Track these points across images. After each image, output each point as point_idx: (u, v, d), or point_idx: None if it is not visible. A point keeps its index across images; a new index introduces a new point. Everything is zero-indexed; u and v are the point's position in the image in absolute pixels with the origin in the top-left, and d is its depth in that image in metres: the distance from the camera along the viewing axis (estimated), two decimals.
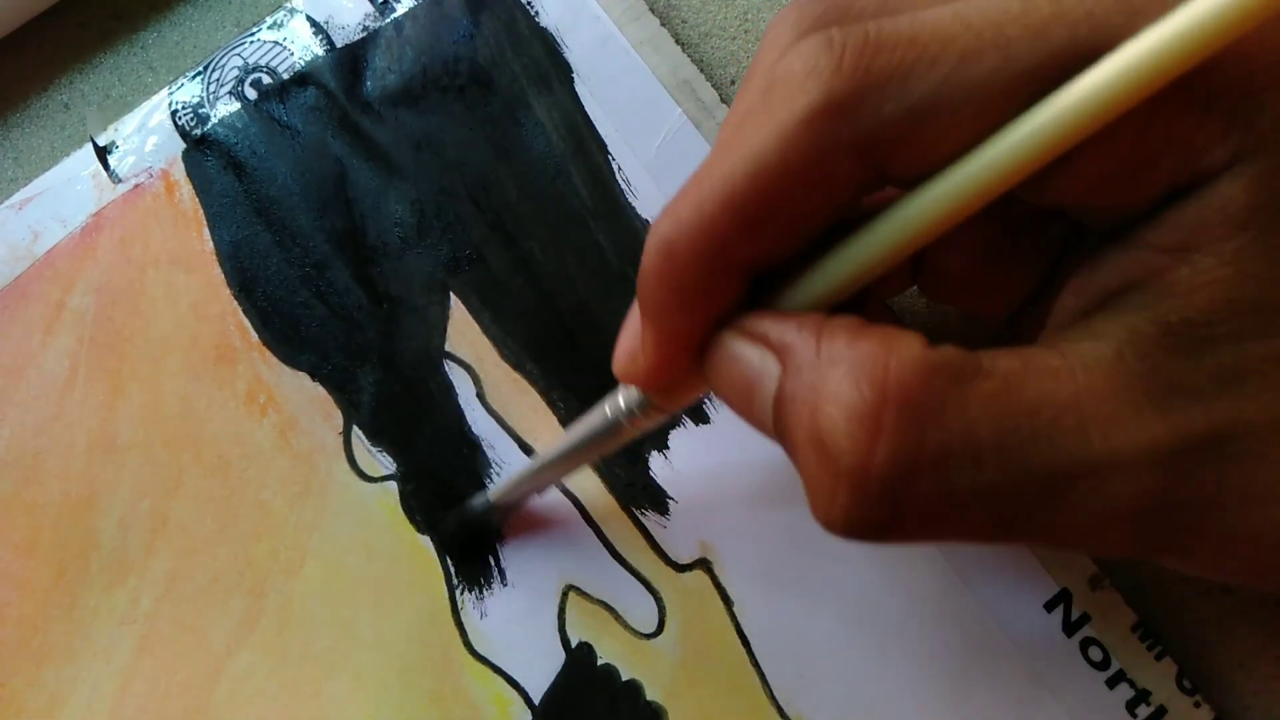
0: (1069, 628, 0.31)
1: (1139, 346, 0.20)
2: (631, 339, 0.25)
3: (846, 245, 0.22)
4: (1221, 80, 0.20)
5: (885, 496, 0.20)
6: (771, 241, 0.22)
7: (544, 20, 0.36)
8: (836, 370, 0.20)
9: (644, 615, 0.32)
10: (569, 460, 0.30)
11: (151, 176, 0.36)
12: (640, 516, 0.33)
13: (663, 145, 0.35)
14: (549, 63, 0.35)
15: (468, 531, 0.33)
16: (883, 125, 0.20)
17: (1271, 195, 0.20)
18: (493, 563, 0.33)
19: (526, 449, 0.34)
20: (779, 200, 0.21)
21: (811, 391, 0.21)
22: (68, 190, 0.36)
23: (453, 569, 0.33)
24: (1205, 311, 0.20)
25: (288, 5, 0.37)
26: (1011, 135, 0.20)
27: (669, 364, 0.24)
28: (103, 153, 0.36)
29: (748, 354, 0.22)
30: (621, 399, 0.27)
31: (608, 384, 0.33)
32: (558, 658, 0.32)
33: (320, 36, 0.36)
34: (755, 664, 0.32)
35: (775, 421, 0.22)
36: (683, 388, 0.26)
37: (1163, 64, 0.19)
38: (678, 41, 0.36)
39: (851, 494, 0.20)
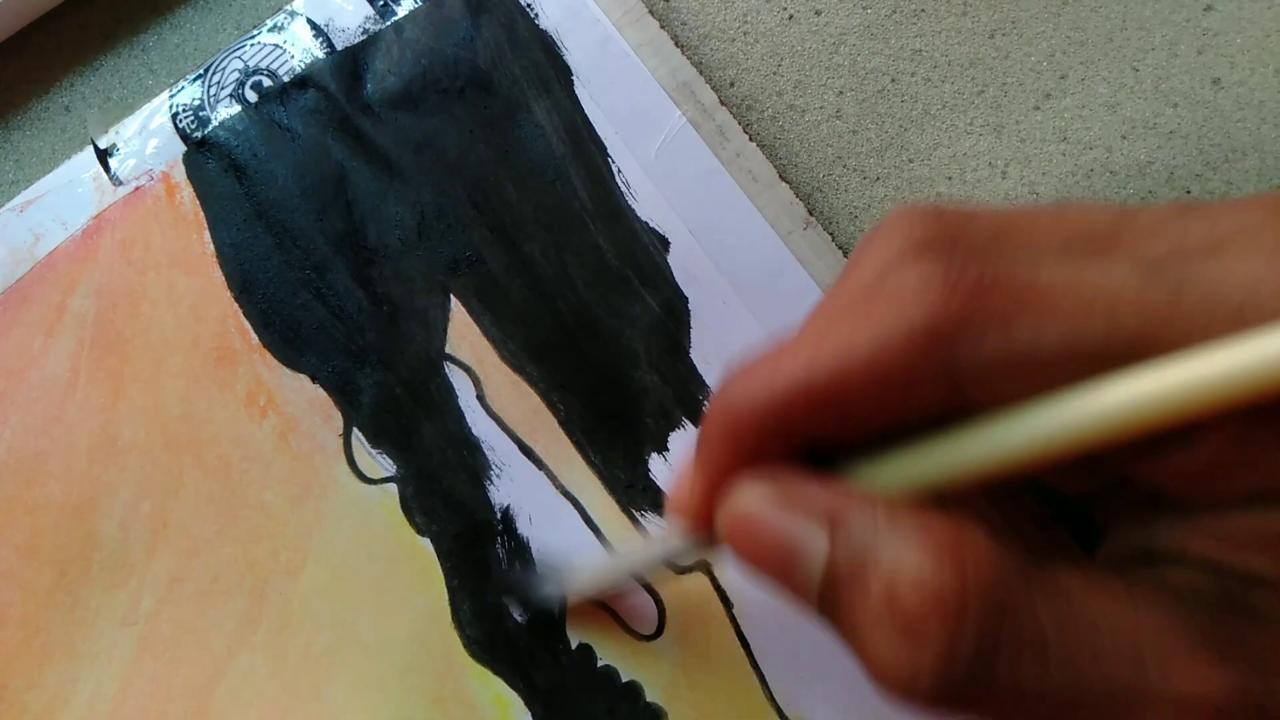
0: None
1: (1200, 599, 0.20)
2: (684, 484, 0.25)
3: (911, 453, 0.22)
4: None
5: (971, 679, 0.20)
6: (835, 430, 0.22)
7: (544, 23, 0.36)
8: (910, 552, 0.20)
9: (644, 617, 0.32)
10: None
11: (152, 179, 0.36)
12: (640, 518, 0.33)
13: (662, 147, 0.35)
14: (549, 65, 0.36)
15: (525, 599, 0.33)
16: (979, 363, 0.21)
17: None
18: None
19: (527, 451, 0.34)
20: (854, 403, 0.22)
21: (881, 569, 0.20)
22: (69, 193, 0.36)
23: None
24: (1263, 601, 0.20)
25: (288, 8, 0.37)
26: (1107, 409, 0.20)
27: (710, 513, 0.24)
28: (103, 155, 0.36)
29: (786, 520, 0.22)
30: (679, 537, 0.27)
31: (608, 385, 0.34)
32: (557, 659, 0.32)
33: (320, 39, 0.36)
34: (755, 665, 0.32)
35: (825, 596, 0.22)
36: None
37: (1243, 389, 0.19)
38: (677, 44, 0.36)
39: (942, 673, 0.20)
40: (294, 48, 0.36)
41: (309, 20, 0.37)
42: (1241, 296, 0.19)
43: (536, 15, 0.36)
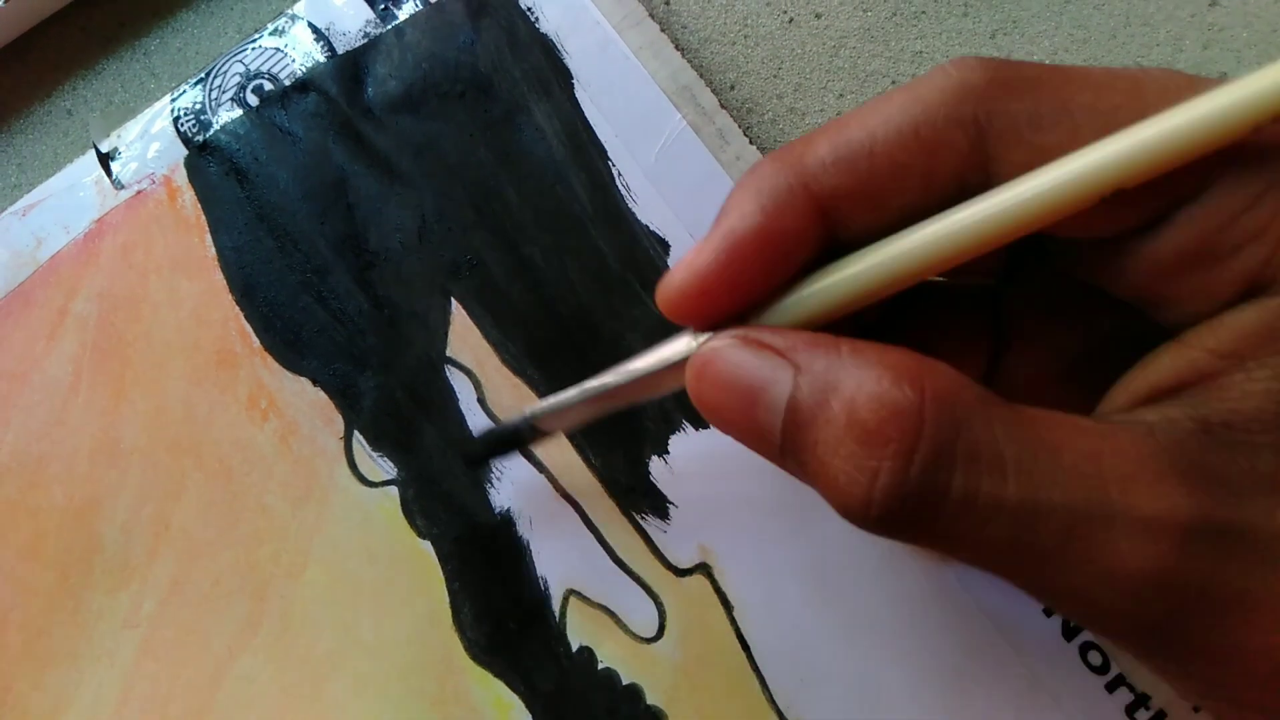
0: (1068, 632, 0.31)
1: (1173, 432, 0.21)
2: (694, 254, 0.24)
3: (936, 219, 0.23)
4: None
5: (924, 486, 0.20)
6: (861, 192, 0.23)
7: (544, 26, 0.36)
8: (872, 371, 0.21)
9: (644, 619, 0.32)
10: (613, 396, 0.28)
11: (154, 183, 0.36)
12: (640, 521, 0.33)
13: (662, 151, 0.35)
14: (549, 68, 0.36)
15: (496, 445, 0.33)
16: (1003, 115, 0.22)
17: None
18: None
19: (527, 453, 0.34)
20: (884, 151, 0.23)
21: (845, 390, 0.21)
22: (71, 196, 0.36)
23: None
24: (1249, 418, 0.20)
25: (289, 12, 0.37)
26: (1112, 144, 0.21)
27: (720, 273, 0.24)
28: (105, 159, 0.36)
29: (751, 361, 0.23)
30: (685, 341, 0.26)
31: None
32: (558, 661, 0.32)
33: (321, 43, 0.36)
34: (755, 668, 0.32)
35: (787, 425, 0.22)
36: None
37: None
38: (677, 47, 0.36)
39: (893, 479, 0.21)
40: (295, 51, 0.36)
41: (310, 24, 0.37)
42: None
43: (537, 19, 0.36)
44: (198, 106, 0.36)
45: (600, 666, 0.32)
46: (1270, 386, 0.20)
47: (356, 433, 0.34)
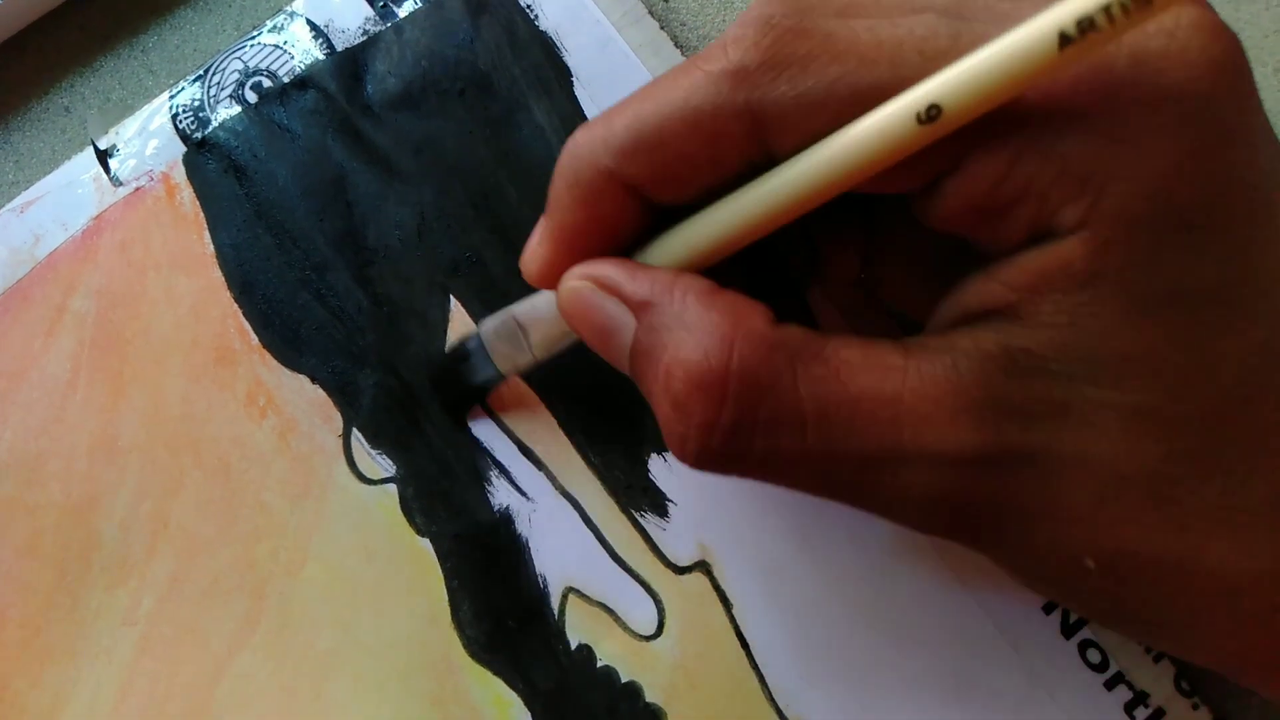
0: (1067, 629, 0.31)
1: (977, 362, 0.23)
2: (536, 235, 0.28)
3: (711, 209, 0.25)
4: (1083, 149, 0.21)
5: (727, 447, 0.24)
6: (661, 174, 0.25)
7: (543, 24, 0.36)
8: (690, 336, 0.24)
9: (643, 617, 0.32)
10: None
11: (152, 180, 0.36)
12: (639, 518, 0.33)
13: None
14: (549, 66, 0.36)
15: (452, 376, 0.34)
16: (772, 102, 0.23)
17: (1107, 266, 0.21)
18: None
19: (526, 451, 0.34)
20: (671, 138, 0.24)
21: (666, 351, 0.24)
22: (69, 193, 0.36)
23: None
24: (1044, 346, 0.22)
25: (288, 9, 0.37)
26: (854, 138, 0.22)
27: (559, 261, 0.27)
28: (104, 156, 0.36)
29: (604, 303, 0.26)
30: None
31: (607, 385, 0.34)
32: (557, 659, 0.32)
33: (320, 40, 0.36)
34: (755, 666, 0.32)
35: (631, 368, 0.26)
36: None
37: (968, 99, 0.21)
38: (677, 45, 0.36)
39: (700, 443, 0.24)
40: (294, 49, 0.36)
41: (309, 21, 0.37)
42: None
43: (536, 16, 0.36)
44: (196, 103, 0.36)
45: (599, 664, 0.32)
46: (1055, 320, 0.22)
47: (355, 430, 0.34)
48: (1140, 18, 0.19)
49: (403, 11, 0.36)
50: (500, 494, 0.33)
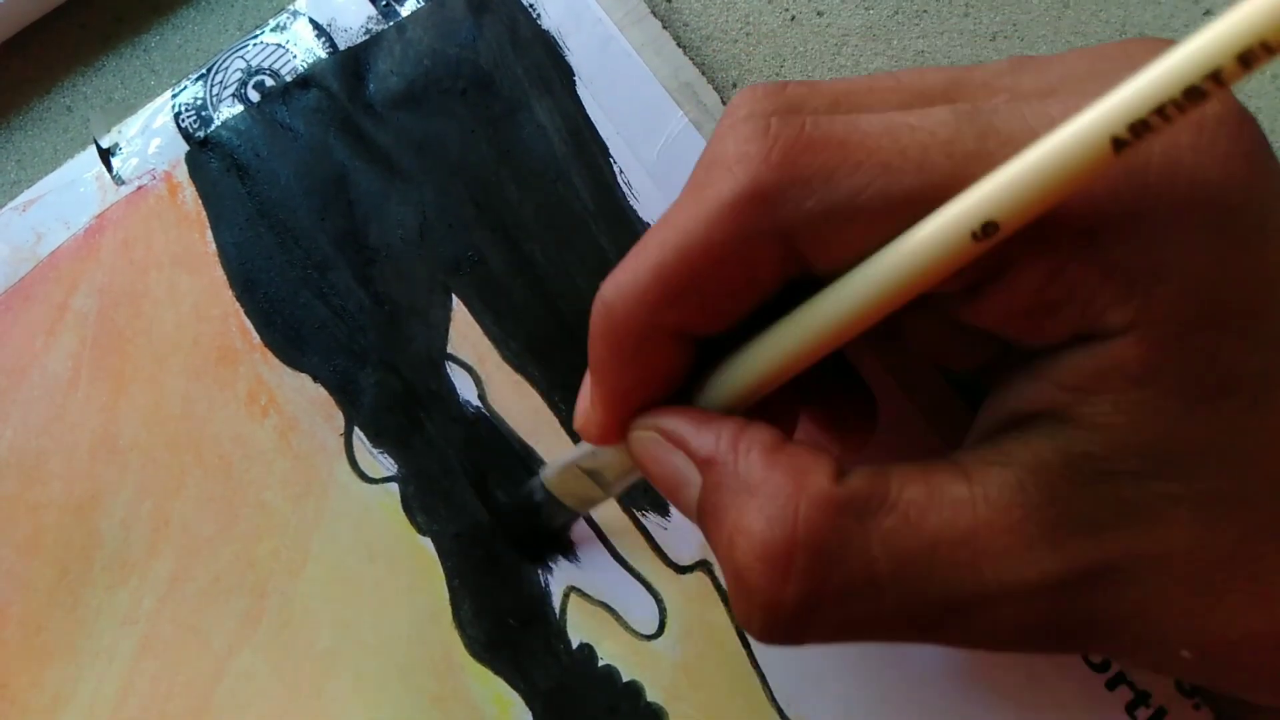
0: None
1: (1042, 476, 0.22)
2: (585, 398, 0.27)
3: (766, 340, 0.24)
4: (1127, 249, 0.21)
5: (794, 624, 0.22)
6: (701, 313, 0.24)
7: (546, 23, 0.36)
8: (752, 502, 0.23)
9: (645, 616, 0.32)
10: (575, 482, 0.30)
11: (154, 178, 0.36)
12: (641, 518, 0.33)
13: (664, 148, 0.35)
14: (551, 65, 0.36)
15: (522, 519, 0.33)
16: (802, 220, 0.22)
17: (1166, 363, 0.21)
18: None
19: (527, 450, 0.34)
20: (704, 276, 0.23)
21: (729, 516, 0.23)
22: (71, 192, 0.36)
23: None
24: (1104, 447, 0.22)
25: (290, 8, 0.37)
26: (904, 259, 0.21)
27: (615, 421, 0.26)
28: (106, 155, 0.36)
29: (670, 458, 0.25)
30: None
31: None
32: (558, 658, 0.32)
33: (323, 39, 0.36)
34: (756, 666, 0.32)
35: (699, 524, 0.24)
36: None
37: (1020, 204, 0.20)
38: (679, 44, 0.36)
39: (765, 620, 0.23)
40: (296, 47, 0.36)
41: (311, 20, 0.37)
42: (1044, 130, 0.20)
43: (539, 15, 0.36)
44: (199, 102, 0.36)
45: (600, 664, 0.32)
46: (1113, 421, 0.21)
47: (357, 429, 0.34)
48: (1189, 113, 0.19)
49: (405, 10, 0.36)
50: (501, 493, 0.33)
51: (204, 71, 0.37)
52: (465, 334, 0.34)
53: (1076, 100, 0.20)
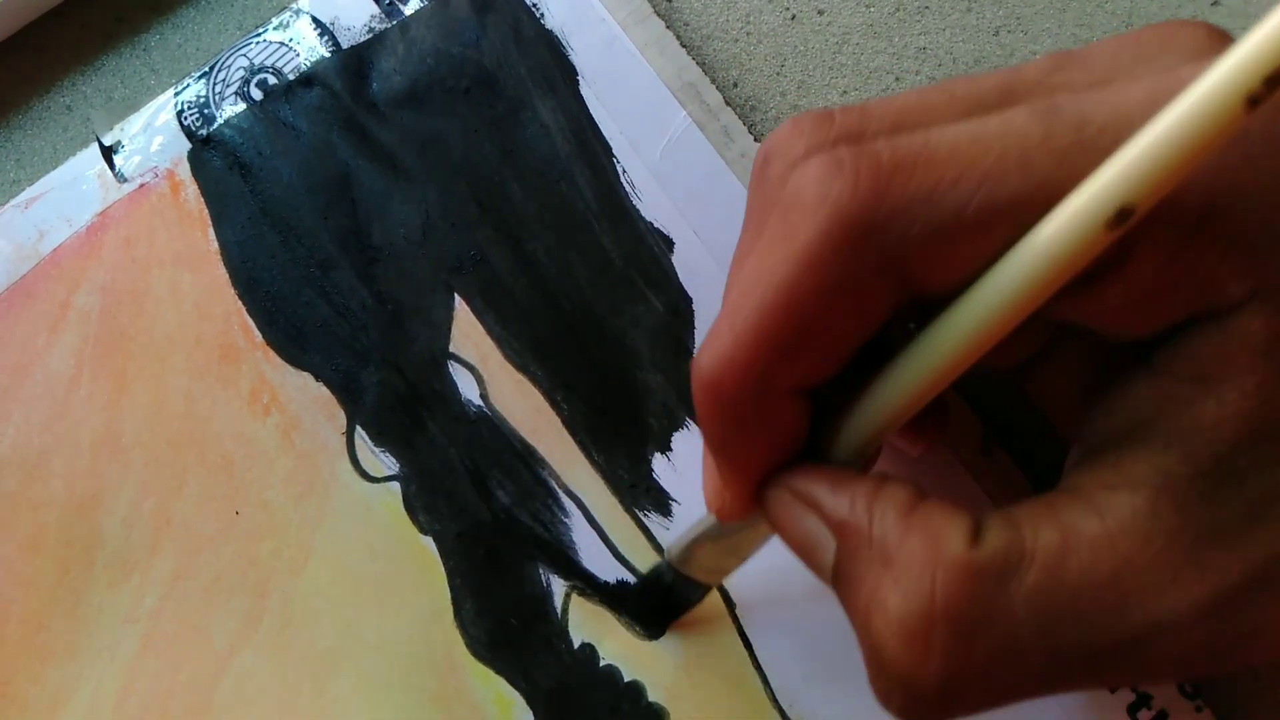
0: None
1: (1172, 494, 0.21)
2: (712, 476, 0.26)
3: (884, 382, 0.23)
4: (1243, 219, 0.20)
5: (937, 704, 0.21)
6: (813, 364, 0.23)
7: (549, 22, 0.36)
8: (888, 574, 0.22)
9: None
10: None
11: (157, 176, 0.36)
12: (643, 517, 0.33)
13: (667, 148, 0.35)
14: (554, 65, 0.36)
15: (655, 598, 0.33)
16: (909, 246, 0.21)
17: None
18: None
19: (529, 450, 0.34)
20: (813, 324, 0.22)
21: (865, 588, 0.22)
22: (73, 189, 0.36)
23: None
24: (1231, 445, 0.21)
25: (293, 6, 0.37)
26: (1036, 259, 0.20)
27: (748, 495, 0.25)
28: (108, 152, 0.36)
29: (804, 520, 0.24)
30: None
31: (611, 385, 0.34)
32: (559, 658, 0.32)
33: (326, 38, 0.36)
34: (757, 666, 0.32)
35: (835, 590, 0.23)
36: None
37: (1148, 182, 0.19)
38: (681, 45, 0.36)
39: (906, 700, 0.22)
40: (300, 46, 0.36)
41: (314, 18, 0.37)
42: (1144, 111, 0.19)
43: (542, 15, 0.36)
44: (201, 100, 0.36)
45: (602, 664, 0.32)
46: (1240, 406, 0.21)
47: (359, 428, 0.34)
48: None
49: (408, 9, 0.36)
50: (503, 494, 0.33)
51: (207, 70, 0.36)
52: (467, 333, 0.34)
53: (1147, 83, 0.20)
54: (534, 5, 0.36)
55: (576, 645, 0.32)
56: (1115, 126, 0.20)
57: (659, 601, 0.32)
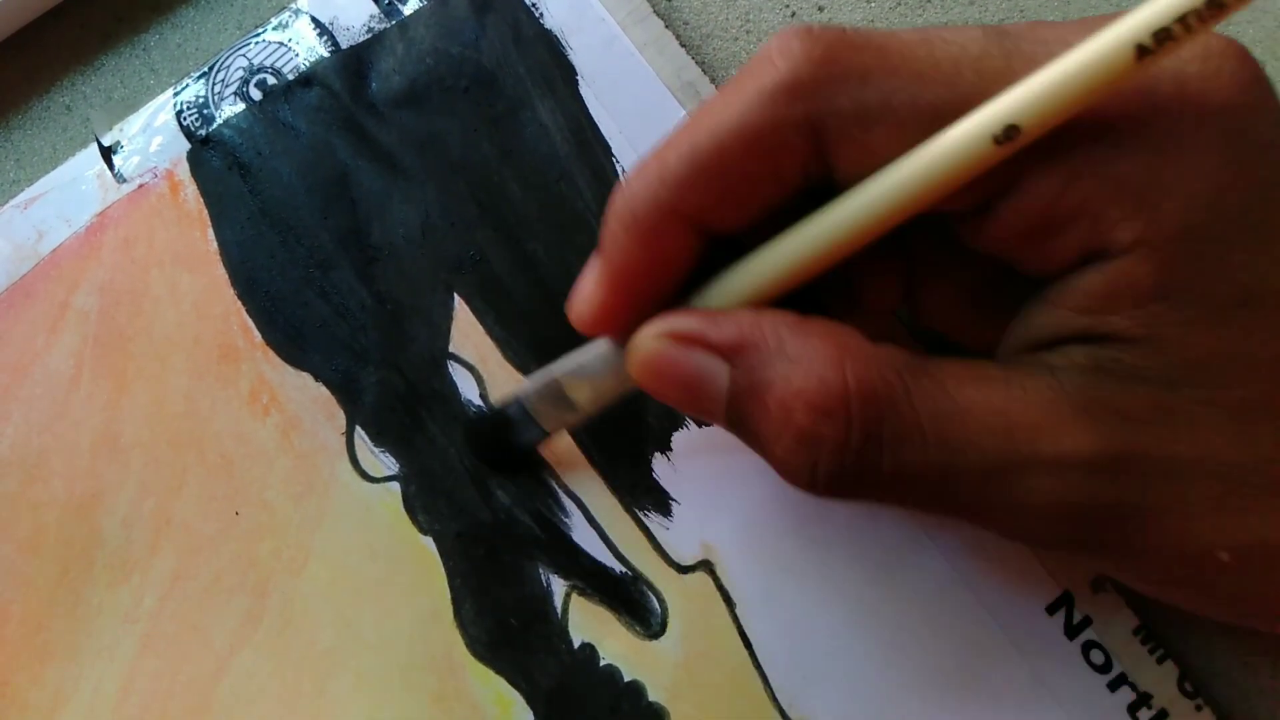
0: (1070, 630, 0.31)
1: (1076, 374, 0.23)
2: (590, 284, 0.27)
3: (779, 242, 0.25)
4: (1134, 164, 0.22)
5: (859, 467, 0.23)
6: (722, 203, 0.25)
7: (548, 22, 0.36)
8: (796, 367, 0.23)
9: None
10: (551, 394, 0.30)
11: (156, 176, 0.36)
12: (643, 517, 0.33)
13: None
14: (553, 64, 0.36)
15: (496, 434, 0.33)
16: (832, 114, 0.23)
17: (1174, 278, 0.22)
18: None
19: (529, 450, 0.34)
20: (731, 162, 0.24)
21: (775, 387, 0.24)
22: (73, 190, 0.36)
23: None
24: (1135, 356, 0.23)
25: (292, 6, 0.37)
26: (928, 161, 0.23)
27: (617, 305, 0.27)
28: (108, 152, 0.36)
29: (690, 357, 0.25)
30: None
31: None
32: (559, 658, 0.32)
33: (325, 38, 0.36)
34: (757, 665, 0.32)
35: (731, 414, 0.25)
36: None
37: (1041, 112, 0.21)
38: (680, 43, 0.36)
39: (834, 465, 0.23)
40: (299, 46, 0.36)
41: (313, 19, 0.37)
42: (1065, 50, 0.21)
43: (541, 15, 0.36)
44: (201, 100, 0.36)
45: (602, 663, 0.32)
46: (1134, 334, 0.22)
47: (358, 428, 0.34)
48: (1209, 26, 0.20)
49: (408, 9, 0.36)
50: (504, 492, 0.33)
51: (206, 70, 0.36)
52: (467, 333, 0.34)
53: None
54: (533, 5, 0.36)
55: (576, 645, 0.32)
56: (1041, 62, 0.22)
57: (495, 435, 0.33)
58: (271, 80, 0.36)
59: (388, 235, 0.35)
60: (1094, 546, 0.24)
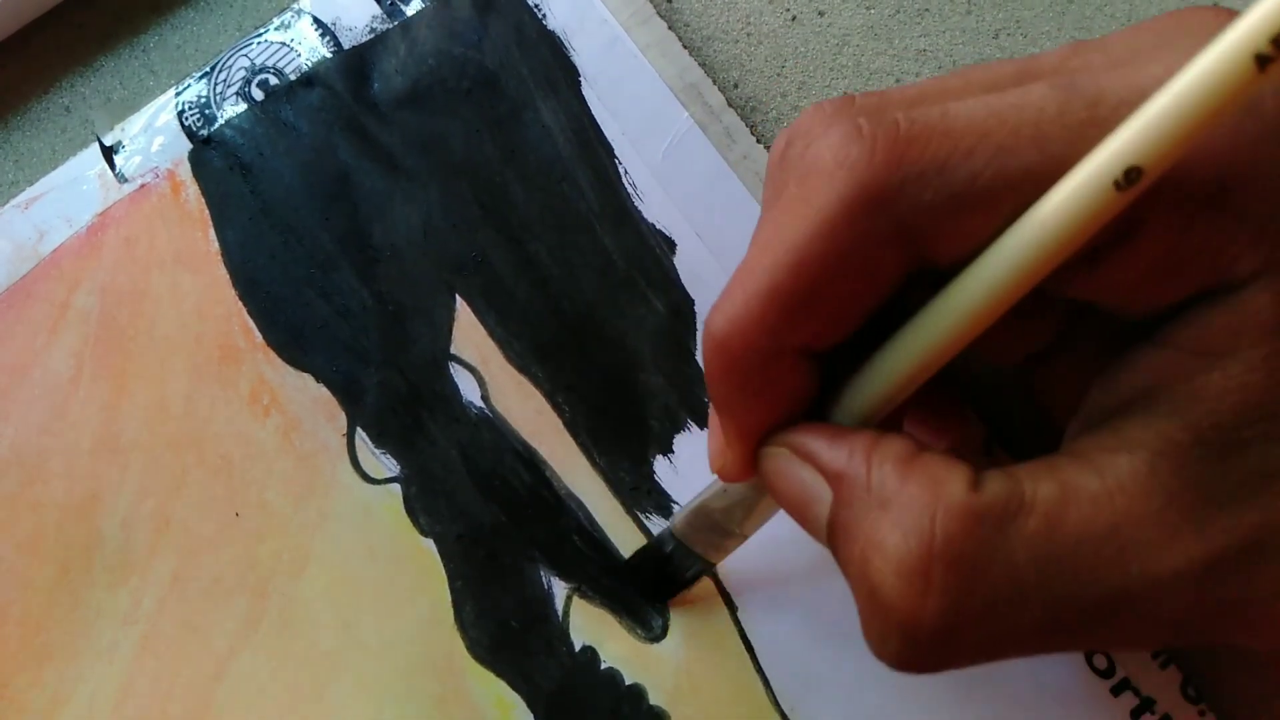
0: None
1: (1172, 458, 0.21)
2: (716, 436, 0.26)
3: (890, 349, 0.23)
4: (1256, 194, 0.20)
5: (935, 646, 0.21)
6: (822, 327, 0.23)
7: (551, 23, 0.36)
8: (886, 516, 0.22)
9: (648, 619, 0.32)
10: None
11: (157, 176, 0.36)
12: (644, 520, 0.33)
13: (669, 149, 0.35)
14: (556, 66, 0.36)
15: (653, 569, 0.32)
16: (922, 214, 0.21)
17: None
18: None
19: (530, 452, 0.33)
20: (823, 288, 0.22)
21: (862, 534, 0.22)
22: (74, 190, 0.36)
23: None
24: (1235, 416, 0.21)
25: (295, 6, 0.37)
26: (1045, 224, 0.20)
27: (750, 456, 0.25)
28: (109, 152, 0.36)
29: (800, 474, 0.24)
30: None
31: (613, 387, 0.33)
32: (560, 661, 0.32)
33: (327, 38, 0.36)
34: (759, 669, 0.32)
35: (830, 543, 0.23)
36: None
37: (1158, 151, 0.19)
38: (683, 46, 0.36)
39: (903, 643, 0.21)
40: (301, 46, 0.36)
41: (316, 19, 0.37)
42: (1160, 87, 0.19)
43: (544, 16, 0.36)
44: (202, 100, 0.36)
45: (603, 666, 0.32)
46: (1246, 379, 0.21)
47: (359, 429, 0.34)
48: None
49: (410, 10, 0.36)
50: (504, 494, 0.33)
51: (208, 70, 0.36)
52: (468, 334, 0.34)
53: (1165, 62, 0.20)
54: (536, 6, 0.36)
55: (578, 648, 0.32)
56: (1131, 101, 0.20)
57: (657, 572, 0.32)
58: (274, 80, 0.36)
59: (389, 236, 0.35)
60: (1226, 639, 0.23)
